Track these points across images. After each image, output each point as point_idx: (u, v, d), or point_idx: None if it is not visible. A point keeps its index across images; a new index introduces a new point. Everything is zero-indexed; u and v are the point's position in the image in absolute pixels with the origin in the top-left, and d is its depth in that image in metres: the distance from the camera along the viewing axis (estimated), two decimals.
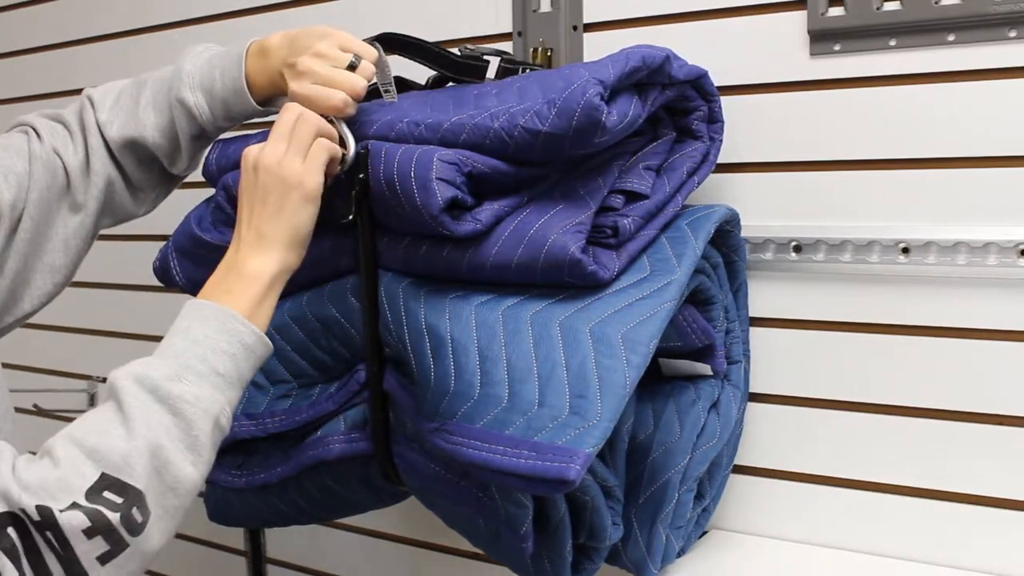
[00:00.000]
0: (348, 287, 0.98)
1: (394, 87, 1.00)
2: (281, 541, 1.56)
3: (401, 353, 0.93)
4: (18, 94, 1.81)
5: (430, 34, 1.29)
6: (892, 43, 1.01)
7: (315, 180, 0.86)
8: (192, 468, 0.75)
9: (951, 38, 0.98)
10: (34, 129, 1.01)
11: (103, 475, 0.70)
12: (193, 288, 1.10)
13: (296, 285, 1.03)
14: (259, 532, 1.52)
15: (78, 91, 1.73)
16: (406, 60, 1.07)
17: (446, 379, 0.86)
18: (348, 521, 1.46)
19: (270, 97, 1.01)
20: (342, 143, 0.91)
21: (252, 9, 1.47)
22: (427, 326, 0.89)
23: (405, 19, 1.32)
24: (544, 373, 0.82)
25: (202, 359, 0.77)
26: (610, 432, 0.79)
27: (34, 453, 0.73)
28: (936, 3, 0.97)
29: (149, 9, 1.58)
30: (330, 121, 0.91)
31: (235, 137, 1.06)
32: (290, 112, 0.89)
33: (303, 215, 0.86)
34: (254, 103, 1.00)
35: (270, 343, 0.83)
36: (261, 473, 1.05)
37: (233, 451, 1.06)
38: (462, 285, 0.92)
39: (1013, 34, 0.95)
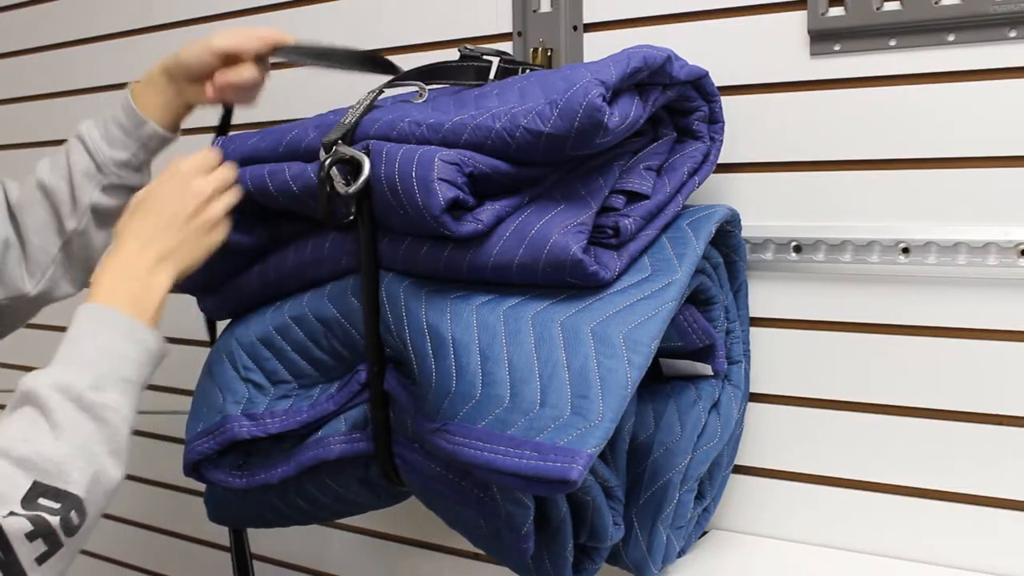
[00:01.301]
0: (349, 287, 0.98)
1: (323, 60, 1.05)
2: (280, 541, 1.56)
3: (402, 353, 0.93)
4: (18, 94, 1.81)
5: (430, 34, 1.30)
6: (892, 43, 1.01)
7: (223, 233, 0.96)
8: (118, 472, 0.79)
9: (951, 38, 0.98)
10: None
11: (35, 483, 0.73)
12: (191, 287, 1.10)
13: (297, 285, 1.03)
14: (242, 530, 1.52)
15: (78, 91, 1.74)
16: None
17: (447, 379, 0.86)
18: (348, 521, 1.46)
19: (173, 115, 1.07)
20: (355, 168, 0.91)
21: (252, 9, 1.47)
22: (428, 326, 0.89)
23: (405, 19, 1.32)
24: (545, 373, 0.82)
25: (114, 367, 0.82)
26: (612, 432, 0.79)
27: None
28: (936, 3, 0.97)
29: (149, 9, 1.58)
30: (339, 143, 0.93)
31: (235, 136, 1.06)
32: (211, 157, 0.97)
33: (202, 253, 0.94)
34: (143, 116, 1.05)
35: (168, 345, 0.88)
36: (261, 473, 1.05)
37: (233, 451, 1.06)
38: (463, 285, 0.92)
39: (1013, 34, 0.95)
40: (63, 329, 0.83)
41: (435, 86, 1.05)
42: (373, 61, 1.08)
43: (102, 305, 0.85)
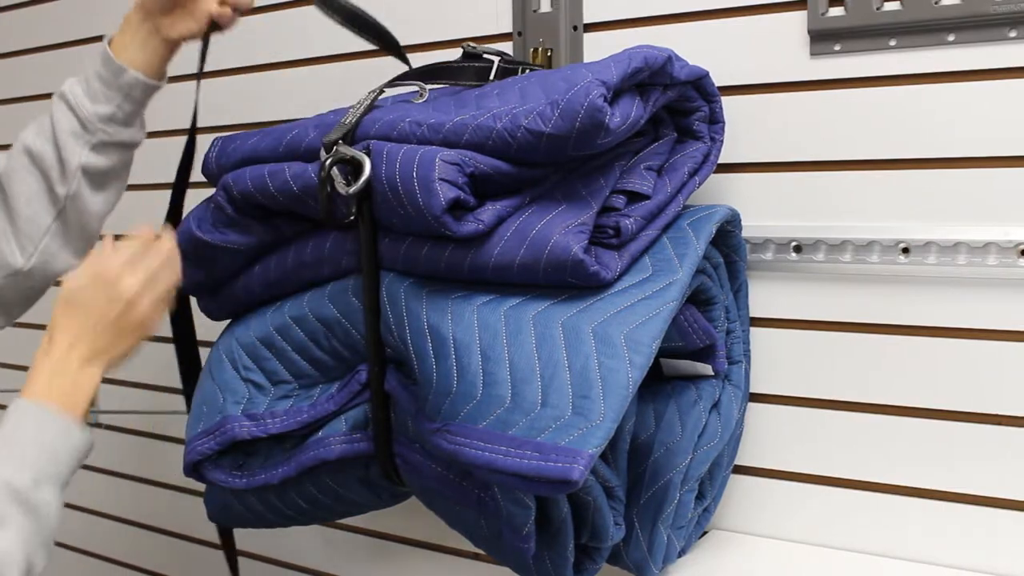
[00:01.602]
0: (349, 287, 0.98)
1: None
2: (280, 541, 1.56)
3: (403, 353, 0.93)
4: (18, 94, 1.81)
5: (430, 34, 1.30)
6: (892, 43, 1.01)
7: (157, 323, 0.93)
8: (44, 563, 0.82)
9: (951, 38, 0.98)
10: None
11: None
12: (194, 289, 1.10)
13: (298, 285, 1.03)
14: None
15: None
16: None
17: (448, 380, 0.86)
18: (348, 521, 1.46)
19: (154, 58, 1.02)
20: (356, 168, 0.90)
21: (253, 9, 1.46)
22: (429, 326, 0.89)
23: (405, 19, 1.32)
24: (547, 374, 0.82)
25: (49, 465, 0.84)
26: (613, 432, 0.79)
27: None
28: (936, 3, 0.97)
29: None
30: (339, 143, 0.92)
31: (235, 135, 1.06)
32: (143, 242, 0.93)
33: (134, 348, 0.92)
34: (120, 64, 1.01)
35: (92, 443, 0.89)
36: (261, 474, 1.05)
37: (233, 452, 1.06)
38: (464, 285, 0.92)
39: (1013, 34, 0.95)
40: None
41: (435, 86, 1.05)
42: (396, 48, 1.07)
43: (37, 403, 0.86)
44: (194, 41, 1.05)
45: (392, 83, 1.03)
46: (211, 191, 1.04)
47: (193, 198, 1.09)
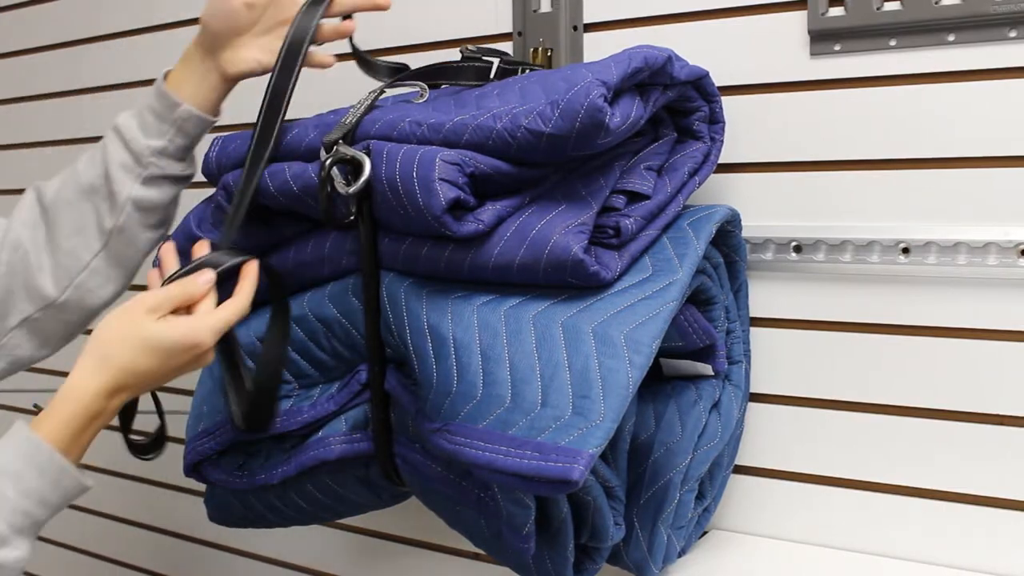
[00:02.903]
0: (349, 287, 0.98)
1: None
2: (280, 541, 1.56)
3: (403, 353, 0.93)
4: (18, 94, 1.81)
5: (430, 34, 1.30)
6: (892, 43, 1.01)
7: (210, 354, 0.87)
8: None
9: (951, 38, 0.98)
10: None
11: None
12: None
13: (298, 285, 1.03)
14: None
15: (80, 91, 1.74)
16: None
17: (448, 380, 0.86)
18: (348, 521, 1.46)
19: (210, 92, 1.01)
20: (356, 168, 0.90)
21: None
22: (429, 326, 0.89)
23: (405, 19, 1.32)
24: (547, 374, 0.82)
25: (28, 513, 0.81)
26: (613, 432, 0.79)
27: None
28: (936, 3, 0.97)
29: (151, 8, 1.58)
30: (339, 143, 0.91)
31: (235, 135, 1.06)
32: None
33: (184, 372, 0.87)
34: (175, 97, 0.99)
35: (87, 488, 0.85)
36: (262, 474, 1.05)
37: (234, 452, 1.06)
38: (464, 285, 0.92)
39: (1013, 34, 0.95)
40: None
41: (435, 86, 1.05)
42: (396, 71, 1.06)
43: (38, 439, 0.81)
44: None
45: (393, 83, 1.03)
46: (211, 191, 1.04)
47: (193, 198, 1.09)
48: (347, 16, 1.02)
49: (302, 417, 1.01)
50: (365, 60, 1.06)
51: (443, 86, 1.05)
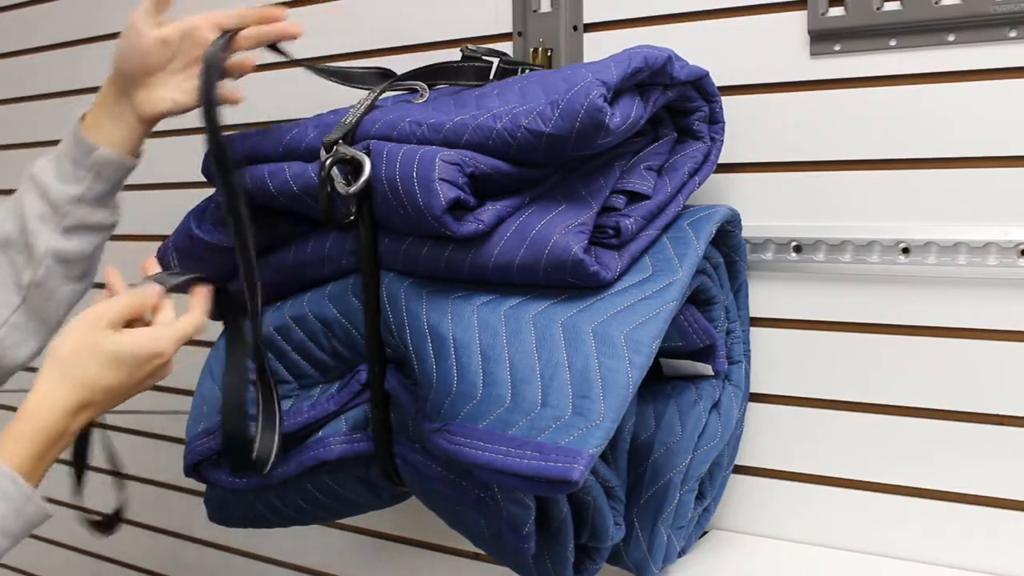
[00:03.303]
0: (349, 287, 0.98)
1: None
2: (280, 541, 1.56)
3: (403, 353, 0.93)
4: (18, 94, 1.81)
5: (430, 34, 1.30)
6: (892, 43, 1.01)
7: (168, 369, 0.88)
8: None
9: (951, 38, 0.98)
10: None
11: None
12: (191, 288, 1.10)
13: (297, 286, 1.03)
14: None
15: (79, 91, 1.74)
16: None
17: (448, 380, 0.86)
18: (348, 521, 1.46)
19: (128, 134, 0.96)
20: (356, 168, 0.90)
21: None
22: (429, 327, 0.89)
23: (404, 19, 1.32)
24: (547, 374, 0.82)
25: None
26: (613, 432, 0.79)
27: None
28: (936, 3, 0.97)
29: None
30: (339, 143, 0.90)
31: (235, 135, 1.06)
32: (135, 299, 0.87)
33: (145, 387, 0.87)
34: (91, 141, 0.95)
35: (48, 515, 0.81)
36: None
37: None
38: (464, 286, 0.92)
39: (1013, 34, 0.95)
40: None
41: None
42: (384, 76, 1.05)
43: (3, 468, 0.77)
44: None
45: (393, 84, 1.03)
46: (211, 191, 1.04)
47: (193, 198, 1.09)
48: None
49: (302, 417, 1.01)
50: (338, 72, 1.03)
51: (442, 86, 1.05)
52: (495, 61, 1.05)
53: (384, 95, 1.01)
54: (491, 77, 1.04)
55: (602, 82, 0.85)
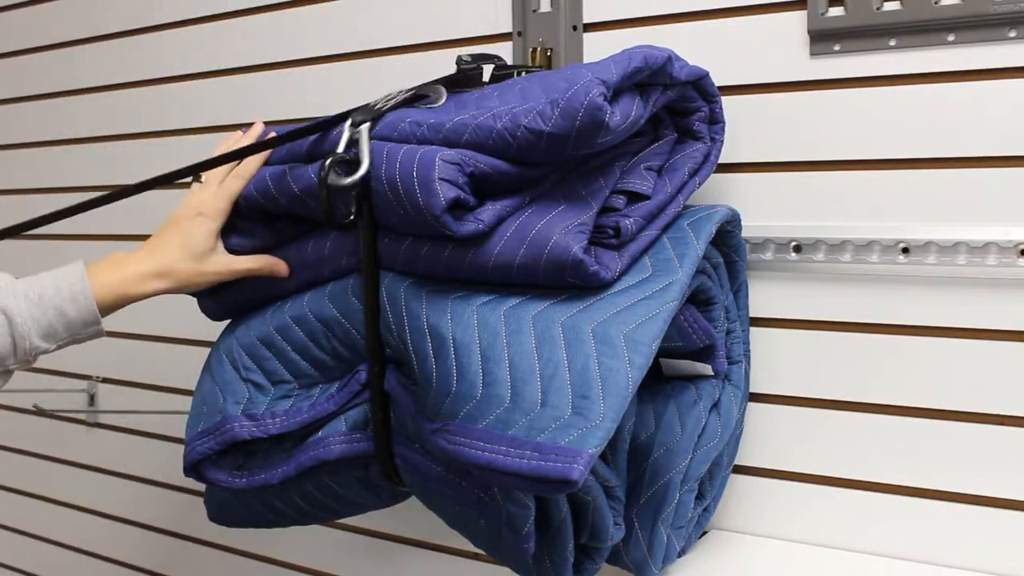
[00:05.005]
0: (349, 287, 0.98)
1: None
2: (280, 541, 1.56)
3: (402, 353, 0.93)
4: (18, 94, 1.81)
5: (430, 34, 1.30)
6: (892, 43, 1.01)
7: (215, 205, 1.00)
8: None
9: (951, 38, 0.98)
10: None
11: None
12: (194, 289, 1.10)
13: (297, 285, 1.03)
14: None
15: (78, 91, 1.74)
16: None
17: (448, 379, 0.86)
18: (348, 521, 1.46)
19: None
20: (355, 168, 0.90)
21: (253, 9, 1.47)
22: (429, 326, 0.89)
23: (404, 19, 1.32)
24: (546, 374, 0.82)
25: (57, 331, 0.92)
26: (613, 432, 0.79)
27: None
28: (936, 3, 0.97)
29: (150, 9, 1.58)
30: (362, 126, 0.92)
31: (233, 134, 1.06)
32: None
33: (195, 228, 1.00)
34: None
35: (101, 329, 0.96)
36: (261, 474, 1.05)
37: (233, 452, 1.06)
38: (464, 285, 0.92)
39: (1013, 34, 0.96)
40: None
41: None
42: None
43: (78, 273, 0.93)
44: None
45: (425, 87, 1.01)
46: None
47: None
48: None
49: (302, 417, 1.01)
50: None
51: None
52: (489, 69, 1.05)
53: (392, 97, 1.01)
54: (485, 81, 1.04)
55: (602, 81, 0.85)
